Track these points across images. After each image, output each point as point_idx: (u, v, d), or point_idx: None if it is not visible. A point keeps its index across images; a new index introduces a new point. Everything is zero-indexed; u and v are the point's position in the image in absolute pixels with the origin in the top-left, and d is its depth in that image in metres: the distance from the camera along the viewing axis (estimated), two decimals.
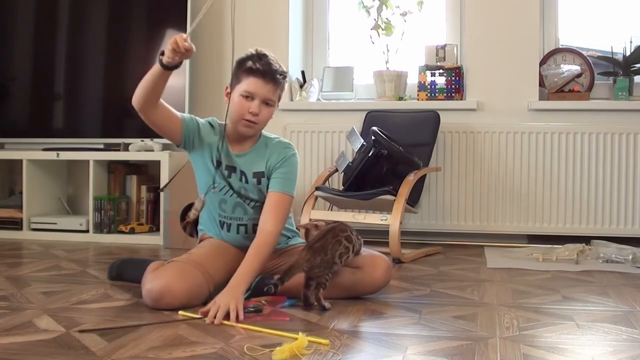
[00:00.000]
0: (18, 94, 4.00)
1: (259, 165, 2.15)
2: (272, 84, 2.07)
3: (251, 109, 2.06)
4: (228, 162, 2.14)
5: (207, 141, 2.13)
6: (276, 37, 3.72)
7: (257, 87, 2.06)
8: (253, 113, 2.06)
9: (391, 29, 3.76)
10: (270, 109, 2.11)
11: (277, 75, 2.09)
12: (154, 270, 2.01)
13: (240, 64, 2.10)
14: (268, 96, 2.07)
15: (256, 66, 2.06)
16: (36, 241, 3.54)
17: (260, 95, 2.06)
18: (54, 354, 1.48)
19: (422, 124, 3.45)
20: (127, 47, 3.90)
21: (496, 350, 1.54)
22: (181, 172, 3.32)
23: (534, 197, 3.51)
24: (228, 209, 2.16)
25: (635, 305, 2.07)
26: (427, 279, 2.54)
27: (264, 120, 2.11)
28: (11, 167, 4.02)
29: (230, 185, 2.14)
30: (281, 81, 2.11)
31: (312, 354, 1.49)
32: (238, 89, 2.08)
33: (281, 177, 2.13)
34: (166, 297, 1.89)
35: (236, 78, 2.10)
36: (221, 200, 2.15)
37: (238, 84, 2.08)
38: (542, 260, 2.97)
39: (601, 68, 3.64)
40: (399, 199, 2.94)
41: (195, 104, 3.85)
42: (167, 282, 1.90)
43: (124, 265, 2.37)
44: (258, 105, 2.06)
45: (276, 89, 2.09)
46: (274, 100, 2.11)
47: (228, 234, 2.18)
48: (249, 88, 2.06)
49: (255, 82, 2.06)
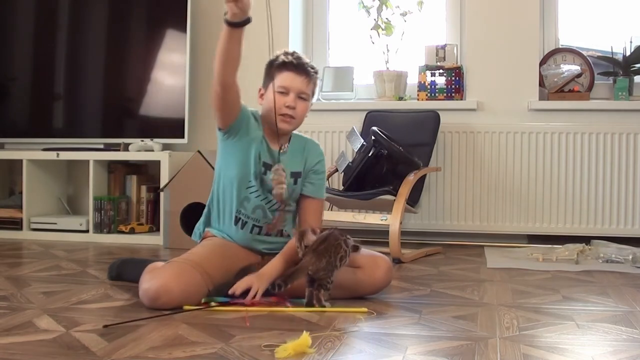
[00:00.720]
0: (18, 94, 4.01)
1: (297, 166, 2.19)
2: (305, 76, 2.11)
3: (287, 102, 2.09)
4: (266, 159, 2.13)
5: (252, 135, 2.12)
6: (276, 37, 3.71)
7: (291, 80, 2.09)
8: (290, 106, 2.09)
9: (391, 29, 3.76)
10: (306, 103, 2.13)
11: (308, 68, 2.13)
12: (151, 271, 2.01)
13: (272, 63, 2.14)
14: (302, 89, 2.11)
15: (288, 59, 2.11)
16: (36, 241, 3.54)
17: (294, 89, 2.10)
18: (54, 354, 1.48)
19: (422, 124, 3.45)
20: (127, 47, 3.90)
21: (496, 350, 1.54)
22: (181, 172, 3.33)
23: (534, 197, 3.51)
24: (248, 208, 2.14)
25: (635, 305, 2.07)
26: (427, 279, 2.54)
27: (300, 115, 2.13)
28: (11, 167, 4.02)
29: (262, 183, 2.12)
30: (313, 75, 2.14)
31: (314, 353, 1.49)
32: (271, 87, 2.10)
33: (319, 182, 2.22)
34: (163, 296, 1.89)
35: (269, 76, 2.13)
36: (245, 198, 2.13)
37: (272, 81, 2.11)
38: (542, 260, 2.97)
39: (601, 68, 3.64)
40: (399, 199, 2.94)
41: (195, 104, 3.85)
42: (164, 282, 1.90)
43: (124, 265, 2.37)
44: (294, 98, 2.10)
45: (309, 82, 2.13)
46: (307, 94, 2.13)
47: (241, 231, 2.15)
48: (284, 82, 2.09)
49: (288, 76, 2.10)
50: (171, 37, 3.80)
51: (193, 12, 3.72)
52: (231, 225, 2.16)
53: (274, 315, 1.89)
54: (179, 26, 3.69)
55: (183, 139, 3.66)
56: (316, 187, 2.21)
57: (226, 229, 2.18)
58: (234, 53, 1.90)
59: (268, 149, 2.14)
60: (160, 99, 3.81)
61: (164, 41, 3.82)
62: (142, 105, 3.81)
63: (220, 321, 1.78)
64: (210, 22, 3.86)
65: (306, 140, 2.25)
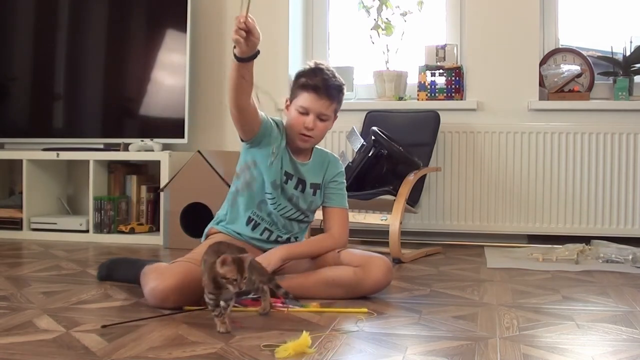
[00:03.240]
0: (18, 94, 4.01)
1: (317, 178, 2.22)
2: (326, 99, 2.10)
3: (306, 123, 2.10)
4: (287, 169, 2.15)
5: (275, 144, 2.13)
6: (276, 37, 3.72)
7: (311, 102, 2.09)
8: (308, 128, 2.10)
9: (391, 29, 3.76)
10: (326, 124, 2.14)
11: (332, 91, 2.11)
12: (156, 270, 2.01)
13: (297, 79, 2.15)
14: (322, 111, 2.11)
15: (310, 82, 2.10)
16: (36, 241, 3.54)
17: (314, 111, 2.10)
18: (54, 354, 1.48)
19: (422, 124, 3.45)
20: (127, 47, 3.90)
21: (496, 350, 1.54)
22: (181, 172, 3.32)
23: (534, 197, 3.51)
24: (264, 212, 2.16)
25: (635, 305, 2.07)
26: (427, 279, 2.54)
27: (319, 135, 2.15)
28: (11, 167, 4.02)
29: (283, 191, 2.14)
30: (337, 95, 2.14)
31: (314, 353, 1.49)
32: (294, 104, 2.13)
33: (341, 192, 2.26)
34: (171, 296, 1.89)
35: (293, 92, 2.16)
36: (262, 201, 2.15)
37: (295, 98, 2.14)
38: (542, 260, 2.97)
39: (601, 68, 3.64)
40: (399, 199, 2.93)
41: (195, 104, 3.85)
42: (173, 282, 1.90)
43: (114, 265, 2.36)
44: (312, 120, 2.10)
45: (331, 103, 2.12)
46: (328, 115, 2.13)
47: (252, 232, 2.17)
48: (304, 103, 2.10)
49: (309, 98, 2.09)
50: (171, 37, 3.80)
51: (193, 12, 3.72)
52: (244, 226, 2.18)
53: (274, 315, 1.89)
54: (179, 26, 3.69)
55: (183, 139, 3.66)
56: (339, 197, 2.25)
57: (237, 228, 2.19)
58: (246, 82, 1.92)
59: (290, 159, 2.16)
60: (160, 99, 3.81)
61: (164, 41, 3.82)
62: (142, 105, 3.81)
63: None
64: (210, 22, 3.86)
65: (327, 154, 2.29)
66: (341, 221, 2.24)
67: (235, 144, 3.70)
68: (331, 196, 2.24)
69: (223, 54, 3.86)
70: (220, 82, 3.84)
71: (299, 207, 2.19)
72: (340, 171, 2.28)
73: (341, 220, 2.24)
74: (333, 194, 2.24)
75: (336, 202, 2.24)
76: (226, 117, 3.85)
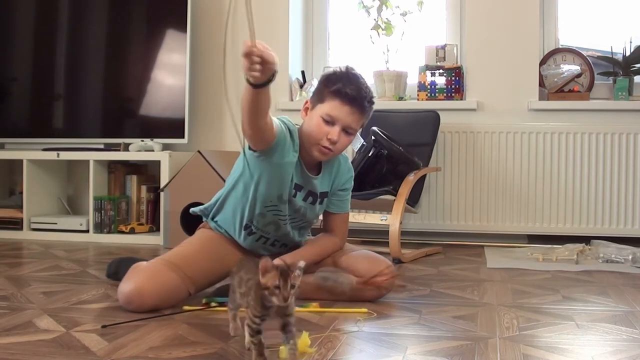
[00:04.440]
0: (18, 94, 4.01)
1: (325, 186, 2.06)
2: (359, 112, 1.91)
3: (330, 135, 1.89)
4: (297, 180, 1.97)
5: (287, 159, 1.90)
6: (276, 37, 3.72)
7: (343, 113, 1.88)
8: (331, 141, 1.89)
9: (391, 29, 3.76)
10: (350, 138, 1.94)
11: (365, 103, 1.92)
12: (130, 271, 1.94)
13: (327, 82, 1.92)
14: (352, 125, 1.91)
15: (345, 90, 1.88)
16: (36, 241, 3.54)
17: (343, 122, 1.90)
18: (54, 354, 1.48)
19: (422, 124, 3.45)
20: (127, 47, 3.90)
21: (496, 350, 1.54)
22: (181, 172, 3.33)
23: (534, 197, 3.51)
24: (261, 223, 2.01)
25: (635, 305, 2.07)
26: (427, 279, 2.54)
27: (340, 149, 1.95)
28: (11, 167, 4.02)
29: (289, 203, 1.98)
30: (368, 109, 1.94)
31: (314, 353, 1.49)
32: (320, 109, 1.90)
33: (347, 198, 2.13)
34: (135, 299, 1.85)
35: (320, 96, 1.92)
36: (260, 214, 1.98)
37: (321, 103, 1.91)
38: (542, 260, 2.97)
39: (601, 68, 3.64)
40: (399, 199, 2.93)
41: (195, 104, 3.85)
42: (137, 285, 1.85)
43: (121, 264, 2.35)
44: (338, 132, 1.90)
45: (361, 117, 1.93)
46: (355, 129, 1.94)
47: (248, 237, 2.05)
48: (333, 112, 1.89)
49: (341, 108, 1.88)
50: (171, 37, 3.80)
51: (193, 12, 3.72)
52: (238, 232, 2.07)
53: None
54: (179, 26, 3.69)
55: (183, 139, 3.66)
56: (342, 203, 2.13)
57: (231, 231, 2.09)
58: (264, 103, 1.67)
59: (302, 170, 1.97)
60: (160, 99, 3.81)
61: (164, 41, 3.82)
62: (142, 105, 3.81)
63: (220, 321, 1.78)
64: (210, 22, 3.86)
65: (337, 162, 2.08)
66: (343, 224, 2.15)
67: (235, 144, 3.70)
68: (338, 203, 2.11)
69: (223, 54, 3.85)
70: (221, 82, 3.84)
71: (306, 217, 2.07)
72: (351, 176, 2.13)
73: (343, 224, 2.15)
74: (340, 201, 2.12)
75: (342, 209, 2.13)
76: (226, 117, 3.85)
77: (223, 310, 1.90)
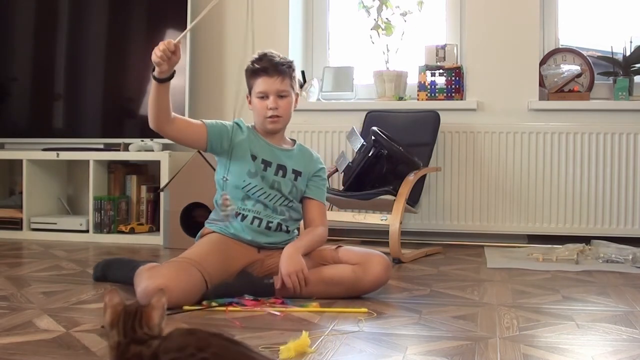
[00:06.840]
0: (18, 94, 4.00)
1: (298, 166, 2.27)
2: (277, 75, 2.18)
3: (269, 105, 2.18)
4: (265, 157, 2.22)
5: (239, 142, 2.21)
6: (276, 37, 3.72)
7: (267, 84, 2.18)
8: (272, 108, 2.18)
9: (391, 29, 3.76)
10: (287, 99, 2.21)
11: (280, 67, 2.19)
12: (150, 269, 2.01)
13: (247, 72, 2.24)
14: (279, 88, 2.18)
15: (257, 66, 2.20)
16: (36, 241, 3.54)
17: (271, 91, 2.18)
18: (54, 354, 1.48)
19: (422, 124, 3.45)
20: (127, 47, 3.90)
21: (496, 350, 1.54)
22: (181, 172, 3.32)
23: (534, 197, 3.51)
24: (249, 204, 2.20)
25: (635, 305, 2.07)
26: (427, 279, 2.54)
27: (285, 113, 2.22)
28: (11, 167, 4.02)
29: (263, 179, 2.19)
30: (286, 70, 2.20)
31: (314, 353, 1.49)
32: (253, 94, 2.22)
33: (322, 188, 2.32)
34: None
35: (248, 85, 2.25)
36: (244, 196, 2.20)
37: (251, 88, 2.23)
38: (542, 260, 2.97)
39: (601, 68, 3.64)
40: (399, 199, 2.93)
41: (195, 104, 3.85)
42: (165, 281, 1.89)
43: (109, 266, 2.37)
44: (273, 100, 2.18)
45: (283, 78, 2.19)
46: (287, 91, 2.20)
47: (241, 223, 2.19)
48: (259, 88, 2.19)
49: (262, 81, 2.18)
50: (171, 37, 3.77)
51: (193, 12, 3.71)
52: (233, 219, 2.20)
53: (273, 315, 1.89)
54: (179, 26, 3.69)
55: None
56: (320, 191, 2.31)
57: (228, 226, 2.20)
58: (165, 103, 2.03)
59: (267, 145, 2.24)
60: None
61: None
62: (142, 105, 3.81)
63: (220, 321, 1.78)
64: (210, 22, 3.85)
65: (312, 151, 2.37)
66: (322, 214, 2.29)
67: None
68: (313, 188, 2.29)
69: (223, 54, 3.86)
70: (221, 82, 3.84)
71: (282, 192, 2.22)
72: (323, 167, 2.34)
73: (322, 214, 2.30)
74: (315, 187, 2.30)
75: (318, 195, 2.30)
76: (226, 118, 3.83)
77: (223, 310, 1.91)
